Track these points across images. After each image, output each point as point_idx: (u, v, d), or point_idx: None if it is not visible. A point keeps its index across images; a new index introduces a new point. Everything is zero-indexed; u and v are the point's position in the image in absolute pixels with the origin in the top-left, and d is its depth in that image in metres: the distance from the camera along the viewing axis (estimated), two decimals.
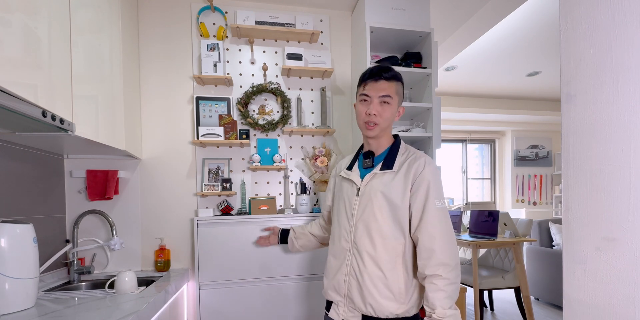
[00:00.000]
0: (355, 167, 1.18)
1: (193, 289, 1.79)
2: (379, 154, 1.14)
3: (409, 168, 1.05)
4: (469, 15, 2.18)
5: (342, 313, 1.09)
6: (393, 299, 1.02)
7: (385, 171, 1.08)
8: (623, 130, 0.59)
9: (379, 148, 1.14)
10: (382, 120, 1.08)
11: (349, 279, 1.07)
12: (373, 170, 1.10)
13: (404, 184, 1.04)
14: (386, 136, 1.14)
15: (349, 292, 1.07)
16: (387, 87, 1.08)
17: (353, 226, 1.09)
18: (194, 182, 1.83)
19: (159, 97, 1.82)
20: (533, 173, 5.51)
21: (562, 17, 0.70)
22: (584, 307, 0.66)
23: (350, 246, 1.09)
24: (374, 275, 1.03)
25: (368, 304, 1.03)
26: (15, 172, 1.32)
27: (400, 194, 1.04)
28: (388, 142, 1.15)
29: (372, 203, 1.06)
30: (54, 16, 1.00)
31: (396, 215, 1.04)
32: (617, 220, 0.60)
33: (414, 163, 1.05)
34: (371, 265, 1.04)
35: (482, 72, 3.77)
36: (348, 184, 1.15)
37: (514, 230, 2.76)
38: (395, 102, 1.09)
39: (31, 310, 1.10)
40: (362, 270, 1.04)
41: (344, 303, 1.09)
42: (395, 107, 1.10)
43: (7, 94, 0.79)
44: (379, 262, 1.03)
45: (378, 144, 1.14)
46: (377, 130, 1.10)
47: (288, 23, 1.89)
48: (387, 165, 1.08)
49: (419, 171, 1.04)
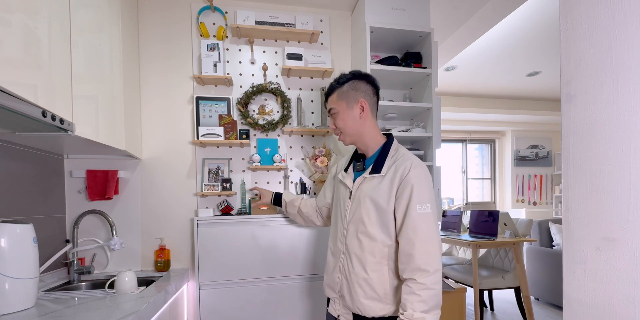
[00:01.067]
0: (350, 169, 1.21)
1: (193, 289, 1.79)
2: (369, 157, 1.16)
3: (396, 172, 1.05)
4: (469, 15, 2.18)
5: (337, 309, 1.15)
6: (378, 300, 1.05)
7: (374, 175, 1.09)
8: (623, 130, 0.59)
9: (368, 151, 1.16)
10: (339, 129, 1.16)
11: (342, 278, 1.13)
12: (363, 174, 1.12)
13: (389, 188, 1.05)
14: (368, 138, 1.15)
15: (341, 290, 1.13)
16: (330, 101, 1.17)
17: (345, 228, 1.14)
18: (194, 182, 1.83)
19: (159, 97, 1.82)
20: (533, 173, 5.51)
21: (562, 17, 0.70)
22: (584, 307, 0.66)
23: (343, 247, 1.14)
24: (360, 276, 1.06)
25: (355, 304, 1.08)
26: (15, 172, 1.32)
27: (386, 198, 1.05)
28: (376, 144, 1.15)
29: (361, 207, 1.09)
30: (54, 16, 1.00)
31: (383, 219, 1.06)
32: (617, 220, 0.60)
33: (401, 166, 1.05)
34: (358, 266, 1.07)
35: (482, 72, 3.77)
36: (343, 186, 1.20)
37: (514, 230, 2.76)
38: (342, 107, 1.13)
39: (31, 310, 1.10)
40: (351, 271, 1.09)
41: (338, 300, 1.15)
42: (345, 113, 1.13)
43: (7, 94, 0.79)
44: (365, 264, 1.06)
45: (365, 146, 1.16)
46: (346, 138, 1.17)
47: (288, 23, 1.89)
48: (376, 168, 1.10)
49: (404, 175, 1.03)
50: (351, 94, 1.13)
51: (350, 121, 1.13)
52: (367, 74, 1.17)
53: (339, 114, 1.14)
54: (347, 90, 1.13)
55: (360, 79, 1.15)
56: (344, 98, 1.13)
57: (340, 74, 1.17)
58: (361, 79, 1.15)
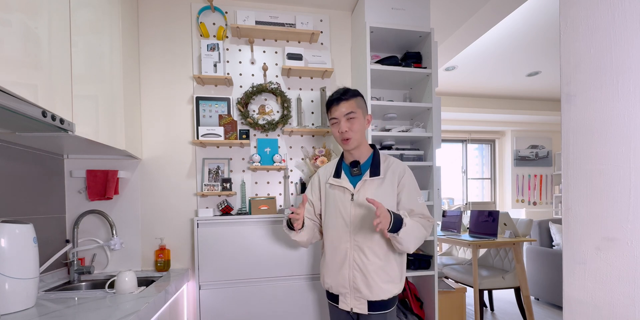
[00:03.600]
0: (343, 175, 1.32)
1: (193, 289, 1.79)
2: (363, 162, 1.31)
3: (393, 174, 1.27)
4: (469, 15, 2.18)
5: (350, 303, 1.25)
6: (392, 282, 1.24)
7: (374, 178, 1.26)
8: (623, 130, 0.59)
9: (362, 157, 1.31)
10: (353, 133, 1.25)
11: (354, 273, 1.24)
12: (363, 177, 1.27)
13: (390, 187, 1.26)
14: (364, 146, 1.31)
15: (354, 283, 1.24)
16: (348, 105, 1.25)
17: (350, 227, 1.25)
18: (194, 182, 1.83)
19: (159, 97, 1.82)
20: (533, 173, 5.50)
21: (562, 17, 0.70)
22: (584, 307, 0.66)
23: (352, 244, 1.25)
24: (377, 265, 1.22)
25: (374, 291, 1.21)
26: (15, 172, 1.32)
27: (388, 195, 1.25)
28: (368, 152, 1.33)
29: (366, 206, 1.23)
30: (54, 16, 1.00)
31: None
32: (617, 220, 0.60)
33: (397, 170, 1.28)
34: (373, 257, 1.22)
35: (482, 72, 3.77)
36: (339, 190, 1.29)
37: (514, 230, 2.76)
38: (360, 114, 1.27)
39: (31, 310, 1.10)
40: (366, 262, 1.22)
41: (350, 293, 1.25)
42: (362, 119, 1.28)
43: (7, 94, 0.79)
44: (378, 254, 1.23)
45: (360, 154, 1.31)
46: (353, 143, 1.27)
47: (288, 23, 1.89)
48: (374, 172, 1.27)
49: (401, 176, 1.27)
50: (364, 107, 1.31)
51: (362, 129, 1.28)
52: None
53: (357, 119, 1.26)
54: (361, 102, 1.29)
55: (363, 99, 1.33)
56: (361, 107, 1.28)
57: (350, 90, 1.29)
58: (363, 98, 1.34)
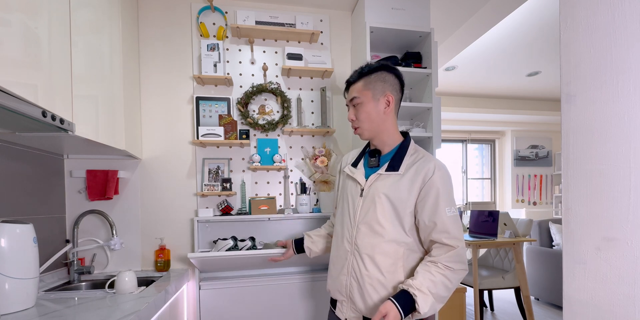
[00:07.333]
0: (360, 164, 1.13)
1: (193, 289, 1.79)
2: (385, 153, 1.09)
3: (417, 172, 1.00)
4: (469, 15, 2.18)
5: (345, 312, 1.08)
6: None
7: (391, 173, 1.03)
8: (623, 130, 0.59)
9: (384, 147, 1.09)
10: (360, 121, 1.07)
11: (350, 280, 1.06)
12: (378, 171, 1.06)
13: (409, 188, 1.00)
14: (387, 134, 1.08)
15: (350, 293, 1.06)
16: (353, 89, 1.07)
17: (355, 227, 1.07)
18: (194, 182, 1.83)
19: (159, 97, 1.82)
20: (533, 173, 5.50)
21: (562, 17, 0.70)
22: (584, 307, 0.66)
23: (352, 247, 1.07)
24: (375, 278, 1.01)
25: (368, 305, 1.01)
26: (15, 172, 1.32)
27: (405, 198, 1.00)
28: (394, 141, 1.09)
29: (375, 205, 1.03)
30: (54, 16, 1.00)
31: (399, 219, 1.02)
32: (617, 220, 0.60)
33: (424, 167, 1.00)
34: (372, 267, 1.01)
35: (482, 73, 3.77)
36: (352, 182, 1.11)
37: (514, 230, 2.76)
38: (367, 97, 1.04)
39: (31, 310, 1.09)
40: (363, 272, 1.02)
41: (347, 303, 1.08)
42: (370, 103, 1.04)
43: (7, 94, 0.79)
44: (379, 265, 1.01)
45: (382, 143, 1.09)
46: (364, 133, 1.08)
47: (288, 23, 1.89)
48: (393, 166, 1.03)
49: (429, 176, 0.98)
50: (379, 86, 1.04)
51: (374, 114, 1.05)
52: (396, 67, 1.08)
53: (362, 104, 1.05)
54: (375, 80, 1.04)
55: (389, 72, 1.06)
56: (370, 88, 1.04)
57: (367, 63, 1.07)
58: (390, 71, 1.06)
